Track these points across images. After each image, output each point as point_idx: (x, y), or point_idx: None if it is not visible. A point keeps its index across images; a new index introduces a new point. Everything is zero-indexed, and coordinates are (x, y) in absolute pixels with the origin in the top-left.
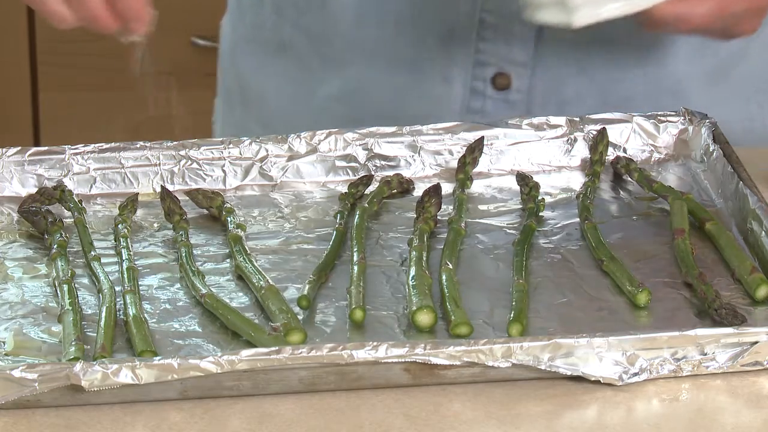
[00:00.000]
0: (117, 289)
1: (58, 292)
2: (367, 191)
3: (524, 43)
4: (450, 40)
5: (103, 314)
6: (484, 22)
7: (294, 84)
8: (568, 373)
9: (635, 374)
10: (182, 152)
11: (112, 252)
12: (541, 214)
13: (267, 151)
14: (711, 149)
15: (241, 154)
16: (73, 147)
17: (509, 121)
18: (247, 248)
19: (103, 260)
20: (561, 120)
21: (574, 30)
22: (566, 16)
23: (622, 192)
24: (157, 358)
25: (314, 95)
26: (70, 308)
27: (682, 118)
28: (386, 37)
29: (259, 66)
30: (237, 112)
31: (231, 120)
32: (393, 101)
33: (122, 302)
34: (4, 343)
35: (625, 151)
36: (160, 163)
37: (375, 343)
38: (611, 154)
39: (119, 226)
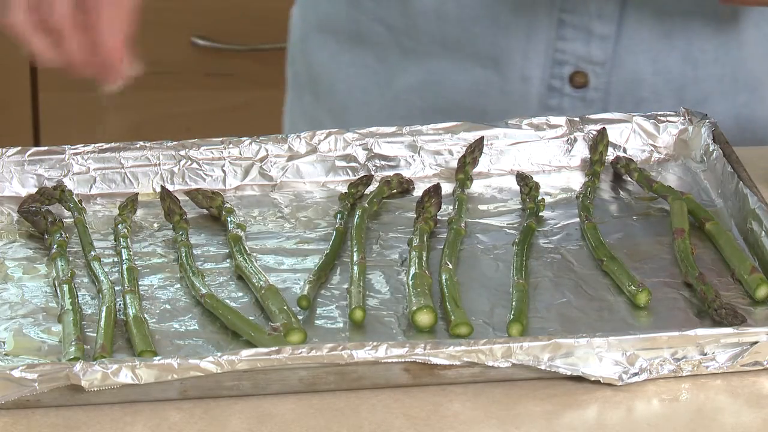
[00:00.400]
0: (117, 289)
1: (58, 292)
2: (367, 191)
3: (603, 42)
4: (529, 38)
5: (103, 314)
6: (563, 21)
7: (369, 74)
8: (568, 373)
9: (635, 374)
10: (182, 152)
11: (112, 252)
12: (541, 214)
13: (267, 151)
14: (711, 149)
15: (241, 154)
16: (73, 147)
17: (509, 121)
18: (247, 248)
19: (103, 260)
20: (561, 120)
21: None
22: None
23: (622, 192)
24: (157, 358)
25: (391, 86)
26: (70, 308)
27: (682, 118)
28: (466, 33)
29: (331, 56)
30: (306, 102)
31: (300, 110)
32: (471, 95)
33: (122, 302)
34: (4, 343)
35: (625, 151)
36: (160, 163)
37: (375, 343)
38: (611, 154)
39: (119, 226)
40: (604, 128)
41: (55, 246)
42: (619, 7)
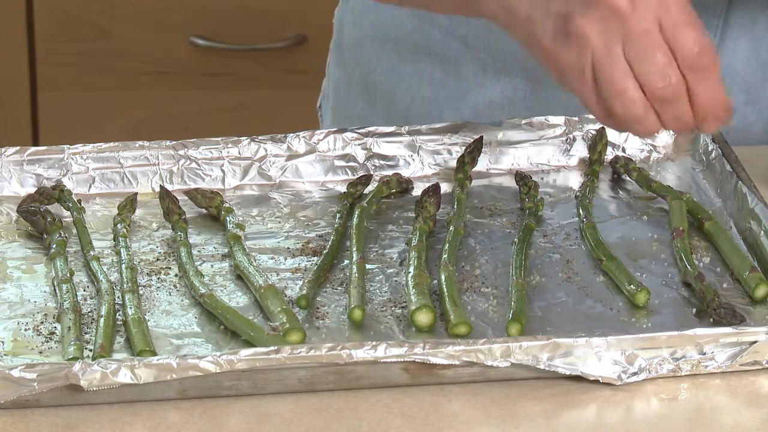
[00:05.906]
0: (116, 288)
1: (57, 291)
2: (366, 191)
3: None
4: None
5: (102, 314)
6: None
7: (437, 87)
8: (567, 372)
9: (634, 374)
10: (181, 152)
11: (111, 252)
12: (540, 213)
13: (266, 150)
14: (710, 149)
15: (240, 153)
16: (72, 147)
17: (508, 121)
18: (246, 248)
19: (102, 260)
20: (560, 119)
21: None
22: None
23: (621, 192)
24: (156, 357)
25: (466, 99)
26: (69, 308)
27: None
28: None
29: (391, 66)
30: (359, 108)
31: (349, 115)
32: (561, 111)
33: (121, 302)
34: (3, 342)
35: (624, 150)
36: (159, 163)
37: (374, 343)
38: (610, 154)
39: (118, 225)
40: (603, 128)
41: (54, 246)
42: (717, 39)
